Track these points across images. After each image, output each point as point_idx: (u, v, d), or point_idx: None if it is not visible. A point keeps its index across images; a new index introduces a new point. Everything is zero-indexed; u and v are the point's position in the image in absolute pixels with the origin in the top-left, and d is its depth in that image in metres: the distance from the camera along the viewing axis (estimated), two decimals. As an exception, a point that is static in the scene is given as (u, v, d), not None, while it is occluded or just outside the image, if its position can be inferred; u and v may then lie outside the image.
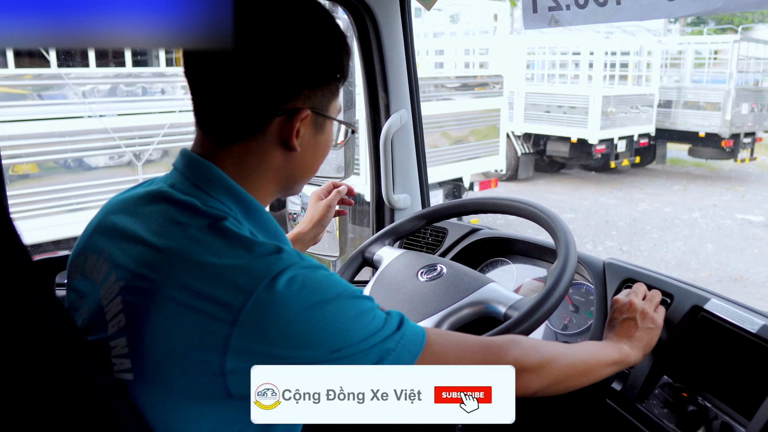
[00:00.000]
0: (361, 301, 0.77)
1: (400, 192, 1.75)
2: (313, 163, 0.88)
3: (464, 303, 1.21)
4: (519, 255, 1.63)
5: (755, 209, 8.70)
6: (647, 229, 7.68)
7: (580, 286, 1.46)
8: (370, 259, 1.46)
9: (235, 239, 0.74)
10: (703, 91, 11.31)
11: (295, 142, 0.82)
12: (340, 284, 0.76)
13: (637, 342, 1.11)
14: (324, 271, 0.75)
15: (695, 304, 1.19)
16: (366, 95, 1.72)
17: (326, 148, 0.89)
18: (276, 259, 0.72)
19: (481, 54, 9.18)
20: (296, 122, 0.80)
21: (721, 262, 6.53)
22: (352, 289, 0.77)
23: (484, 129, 7.70)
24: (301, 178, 0.89)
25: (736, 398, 1.06)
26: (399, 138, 1.72)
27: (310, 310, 0.71)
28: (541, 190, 9.83)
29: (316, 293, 0.72)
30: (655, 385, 1.19)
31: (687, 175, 11.34)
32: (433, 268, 1.33)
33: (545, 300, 1.12)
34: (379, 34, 1.64)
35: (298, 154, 0.84)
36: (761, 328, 1.06)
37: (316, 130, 0.85)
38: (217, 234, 0.74)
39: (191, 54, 0.79)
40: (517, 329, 1.09)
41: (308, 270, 0.73)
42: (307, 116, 0.81)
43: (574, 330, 1.43)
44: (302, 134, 0.82)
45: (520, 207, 1.35)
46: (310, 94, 0.81)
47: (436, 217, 1.52)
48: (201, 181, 0.80)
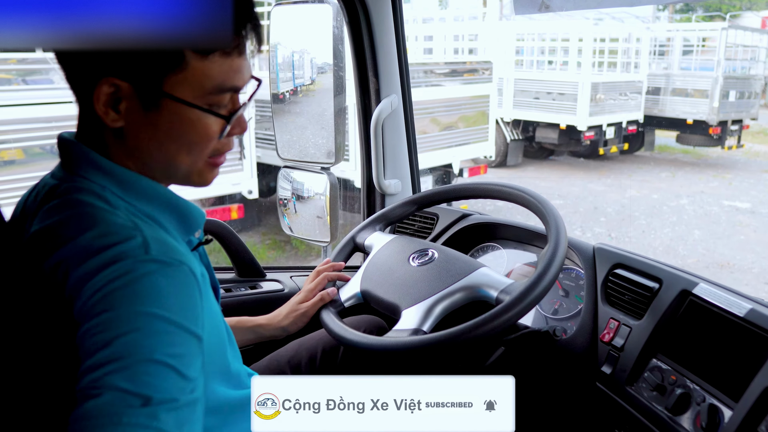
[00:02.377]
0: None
1: (390, 177, 1.75)
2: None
3: (456, 287, 1.21)
4: (509, 240, 1.64)
5: (742, 196, 8.73)
6: (636, 215, 7.71)
7: (570, 271, 1.47)
8: (361, 244, 1.46)
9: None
10: (691, 79, 11.33)
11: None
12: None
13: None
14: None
15: (684, 289, 1.20)
16: (356, 80, 1.71)
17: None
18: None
19: (471, 40, 9.16)
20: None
21: (708, 248, 6.58)
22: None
23: (474, 115, 7.69)
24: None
25: (724, 381, 1.07)
26: (389, 123, 1.71)
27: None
28: (530, 176, 9.85)
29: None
30: (645, 368, 1.20)
31: (675, 162, 11.39)
32: (425, 252, 1.33)
33: (536, 284, 1.12)
34: (370, 18, 1.63)
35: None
36: (749, 311, 1.07)
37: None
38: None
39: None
40: (509, 313, 1.10)
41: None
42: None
43: (565, 314, 1.44)
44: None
45: (511, 192, 1.35)
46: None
47: (427, 202, 1.52)
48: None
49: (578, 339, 1.33)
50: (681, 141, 11.68)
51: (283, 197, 1.83)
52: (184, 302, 0.69)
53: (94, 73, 0.72)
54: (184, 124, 0.75)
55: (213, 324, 0.81)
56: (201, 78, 0.73)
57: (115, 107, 0.73)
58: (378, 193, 1.77)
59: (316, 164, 1.69)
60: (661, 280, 1.25)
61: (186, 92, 0.73)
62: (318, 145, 1.67)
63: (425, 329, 1.17)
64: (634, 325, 1.24)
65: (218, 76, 0.74)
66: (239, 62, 0.76)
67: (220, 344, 0.85)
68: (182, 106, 0.74)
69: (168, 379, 0.63)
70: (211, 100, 0.75)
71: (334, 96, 1.60)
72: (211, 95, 0.75)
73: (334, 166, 1.67)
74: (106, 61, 0.72)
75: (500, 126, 10.00)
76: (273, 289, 1.65)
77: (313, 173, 1.71)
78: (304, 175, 1.74)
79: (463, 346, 1.13)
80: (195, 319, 0.69)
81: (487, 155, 7.97)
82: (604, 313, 1.31)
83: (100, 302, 0.64)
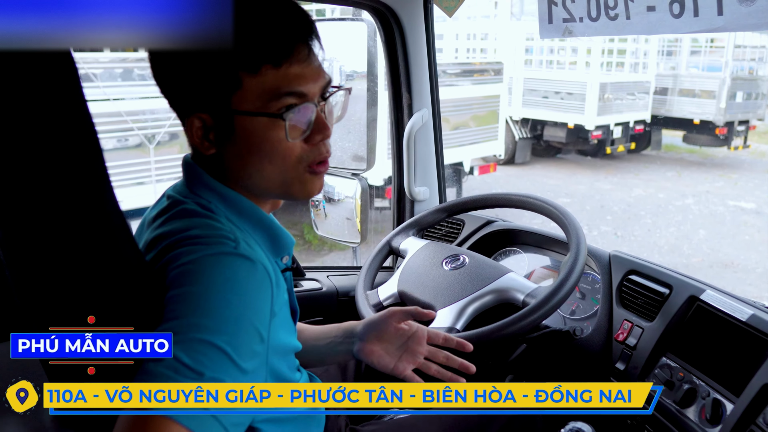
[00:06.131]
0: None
1: (420, 185, 1.88)
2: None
3: (486, 290, 1.35)
4: (529, 245, 1.77)
5: (747, 196, 8.79)
6: (641, 214, 7.80)
7: (587, 275, 1.60)
8: (396, 248, 1.60)
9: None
10: (698, 79, 11.39)
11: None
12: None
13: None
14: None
15: (692, 294, 1.34)
16: (390, 95, 1.84)
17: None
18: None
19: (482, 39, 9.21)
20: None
21: (713, 247, 6.66)
22: None
23: (484, 115, 7.79)
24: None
25: (727, 378, 1.21)
26: (420, 135, 1.84)
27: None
28: (538, 174, 9.93)
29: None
30: (655, 365, 1.34)
31: (681, 161, 11.44)
32: (457, 258, 1.47)
33: (559, 289, 1.26)
34: (404, 37, 1.76)
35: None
36: (750, 317, 1.21)
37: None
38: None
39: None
40: (535, 315, 1.24)
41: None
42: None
43: (581, 315, 1.57)
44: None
45: (535, 203, 1.49)
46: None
47: (456, 210, 1.66)
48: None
49: (594, 338, 1.47)
50: (687, 141, 11.73)
51: (316, 199, 1.96)
52: (256, 298, 0.76)
53: (183, 110, 0.85)
54: (255, 134, 0.83)
55: (283, 339, 0.87)
56: (258, 90, 0.81)
57: (207, 137, 0.85)
58: (408, 199, 1.90)
59: (347, 170, 1.81)
60: (672, 286, 1.38)
61: (248, 105, 0.82)
62: (344, 149, 1.79)
63: (458, 328, 1.31)
64: (646, 326, 1.38)
65: (272, 84, 0.81)
66: (296, 70, 0.82)
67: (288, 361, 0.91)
68: (249, 118, 0.82)
69: (221, 363, 0.69)
70: (273, 108, 0.82)
71: (367, 108, 1.73)
72: (271, 103, 0.82)
73: (365, 173, 1.80)
74: (189, 98, 0.84)
75: (509, 124, 10.06)
76: (312, 288, 1.78)
77: (344, 178, 1.83)
78: (335, 179, 1.86)
79: (493, 344, 1.27)
80: (263, 318, 0.76)
81: (496, 154, 8.07)
82: (619, 314, 1.45)
83: (185, 275, 0.74)
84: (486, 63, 8.25)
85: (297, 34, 0.83)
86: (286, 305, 0.89)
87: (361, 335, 1.13)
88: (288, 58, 0.82)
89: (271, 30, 0.81)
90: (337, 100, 0.94)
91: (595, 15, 1.47)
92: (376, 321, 1.14)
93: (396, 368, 1.09)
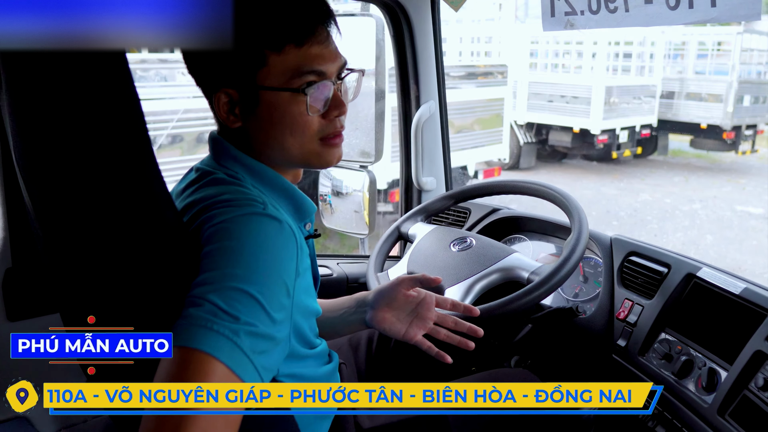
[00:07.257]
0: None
1: (427, 175, 1.95)
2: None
3: (492, 269, 1.41)
4: (534, 232, 1.83)
5: (755, 201, 8.76)
6: (648, 219, 7.80)
7: (589, 259, 1.66)
8: (405, 233, 1.66)
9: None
10: (705, 83, 11.34)
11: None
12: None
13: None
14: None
15: (689, 272, 1.40)
16: (398, 87, 1.91)
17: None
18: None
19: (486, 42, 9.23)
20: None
21: (720, 253, 6.64)
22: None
23: (489, 118, 7.82)
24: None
25: (721, 348, 1.27)
26: (427, 126, 1.91)
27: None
28: (543, 179, 9.83)
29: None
30: (655, 340, 1.39)
31: (688, 166, 11.41)
32: (464, 240, 1.52)
33: (562, 267, 1.32)
34: (412, 31, 1.83)
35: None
36: (743, 290, 1.27)
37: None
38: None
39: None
40: (539, 291, 1.30)
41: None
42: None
43: (584, 297, 1.63)
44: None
45: (538, 189, 1.55)
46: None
47: (463, 197, 1.72)
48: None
49: (597, 318, 1.52)
50: (695, 145, 11.68)
51: (323, 193, 2.02)
52: (284, 255, 0.82)
53: (211, 86, 0.93)
54: (278, 108, 0.91)
55: (305, 301, 0.94)
56: (281, 67, 0.89)
57: (233, 111, 0.93)
58: (415, 188, 1.97)
59: (355, 162, 1.87)
60: (670, 265, 1.44)
61: (272, 81, 0.89)
62: (351, 144, 1.85)
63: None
64: (646, 303, 1.44)
65: (295, 62, 0.89)
66: (316, 50, 0.90)
67: (309, 320, 0.98)
68: (273, 93, 0.90)
69: (254, 310, 0.75)
70: (295, 84, 0.90)
71: (375, 101, 1.79)
72: (293, 80, 0.89)
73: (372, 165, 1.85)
74: (216, 75, 0.92)
75: (514, 129, 10.07)
76: (323, 274, 1.84)
77: (352, 171, 1.88)
78: (343, 172, 1.92)
79: (499, 319, 1.33)
80: (290, 274, 0.82)
81: (501, 158, 8.09)
82: (620, 294, 1.51)
83: (220, 232, 0.81)
84: (490, 65, 8.28)
85: (318, 17, 0.91)
86: (308, 270, 0.95)
87: (372, 303, 1.18)
88: (309, 38, 0.90)
89: (294, 12, 0.89)
90: (350, 85, 1.02)
91: (596, 8, 1.53)
92: (386, 289, 1.18)
93: (407, 334, 1.14)
